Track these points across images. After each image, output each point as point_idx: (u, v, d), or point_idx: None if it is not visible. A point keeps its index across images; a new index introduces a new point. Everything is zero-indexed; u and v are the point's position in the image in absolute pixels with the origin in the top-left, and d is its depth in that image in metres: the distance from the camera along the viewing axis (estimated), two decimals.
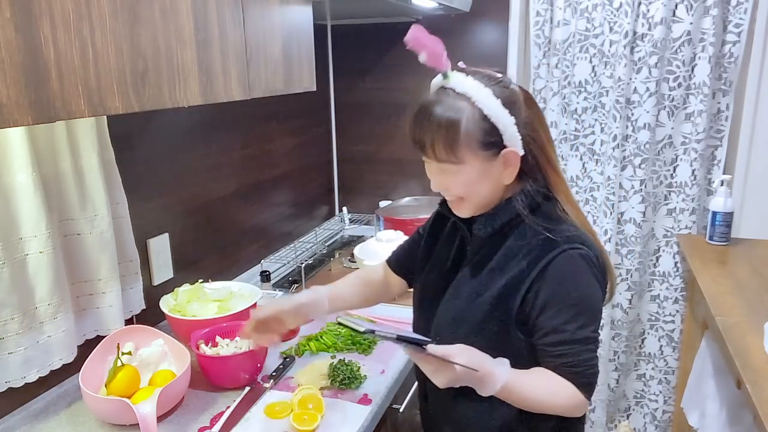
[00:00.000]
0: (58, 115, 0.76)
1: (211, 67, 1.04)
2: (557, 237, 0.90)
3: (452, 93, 0.90)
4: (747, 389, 1.13)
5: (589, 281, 0.90)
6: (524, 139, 0.91)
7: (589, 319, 0.89)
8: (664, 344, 2.14)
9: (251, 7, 1.14)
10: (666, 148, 1.98)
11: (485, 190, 0.93)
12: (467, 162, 0.89)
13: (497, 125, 0.88)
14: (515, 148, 0.90)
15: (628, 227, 2.04)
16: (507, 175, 0.92)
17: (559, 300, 0.88)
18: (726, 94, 1.91)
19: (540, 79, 2.07)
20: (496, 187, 0.94)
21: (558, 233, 0.90)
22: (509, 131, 0.89)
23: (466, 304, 0.95)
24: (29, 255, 1.14)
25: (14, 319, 1.12)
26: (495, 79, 0.91)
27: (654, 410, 2.22)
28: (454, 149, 0.88)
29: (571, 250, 0.89)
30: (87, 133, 1.24)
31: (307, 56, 1.40)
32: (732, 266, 1.76)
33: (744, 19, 1.82)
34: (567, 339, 0.88)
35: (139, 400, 1.09)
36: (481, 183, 0.92)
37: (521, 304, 0.90)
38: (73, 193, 1.23)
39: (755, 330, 1.33)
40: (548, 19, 2.01)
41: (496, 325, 0.92)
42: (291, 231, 2.15)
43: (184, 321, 1.34)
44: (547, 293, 0.89)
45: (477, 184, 0.92)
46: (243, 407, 1.17)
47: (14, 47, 0.69)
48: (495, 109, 0.88)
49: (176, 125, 1.57)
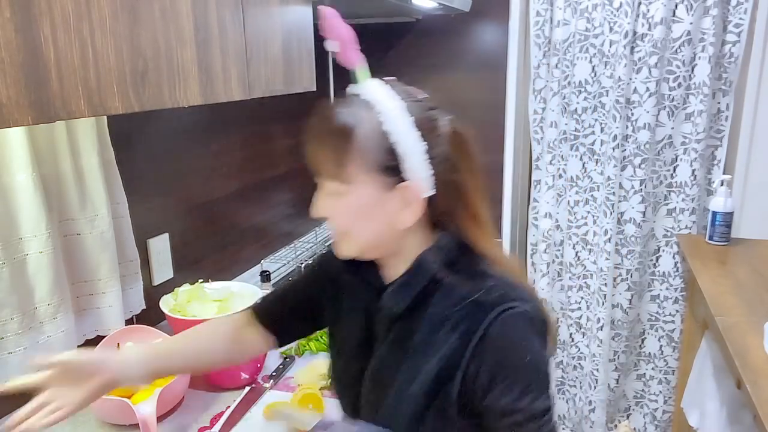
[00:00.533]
0: (58, 115, 0.76)
1: (211, 67, 1.04)
2: (486, 299, 0.74)
3: (357, 99, 0.75)
4: (747, 389, 1.13)
5: (533, 343, 0.74)
6: (438, 178, 0.74)
7: (541, 387, 0.74)
8: (664, 344, 2.14)
9: (251, 7, 1.14)
10: (666, 148, 1.98)
11: (374, 229, 0.76)
12: (357, 183, 0.73)
13: (399, 148, 0.72)
14: (419, 184, 0.73)
15: (628, 227, 2.04)
16: (404, 217, 0.75)
17: (504, 376, 0.73)
18: (726, 94, 1.91)
19: (540, 79, 2.07)
20: (389, 229, 0.76)
21: (486, 293, 0.74)
22: (415, 160, 0.72)
23: (394, 400, 0.78)
24: (29, 255, 1.14)
25: (14, 319, 1.12)
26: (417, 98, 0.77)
27: (654, 410, 2.22)
28: (343, 163, 0.73)
29: (505, 312, 0.73)
30: (87, 133, 1.24)
31: (307, 56, 1.40)
32: (732, 266, 1.76)
33: (744, 19, 1.82)
34: (521, 420, 0.72)
35: (139, 400, 1.10)
36: (370, 217, 0.75)
37: (461, 387, 0.74)
38: (73, 193, 1.23)
39: (755, 330, 1.33)
40: (548, 19, 2.01)
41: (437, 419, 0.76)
42: (291, 231, 2.15)
43: (184, 321, 1.34)
44: (490, 370, 0.73)
45: (366, 217, 0.75)
46: (243, 407, 1.17)
47: (14, 47, 0.69)
48: (402, 126, 0.72)
49: (176, 125, 1.57)
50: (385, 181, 0.73)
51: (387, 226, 0.76)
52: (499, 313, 0.73)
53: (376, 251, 0.79)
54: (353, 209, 0.75)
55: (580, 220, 2.10)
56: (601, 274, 2.06)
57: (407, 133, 0.72)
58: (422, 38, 2.22)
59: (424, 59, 2.23)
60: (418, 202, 0.74)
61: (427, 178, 0.74)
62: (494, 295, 0.74)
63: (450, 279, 0.76)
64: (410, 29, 2.22)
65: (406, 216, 0.75)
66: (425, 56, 2.23)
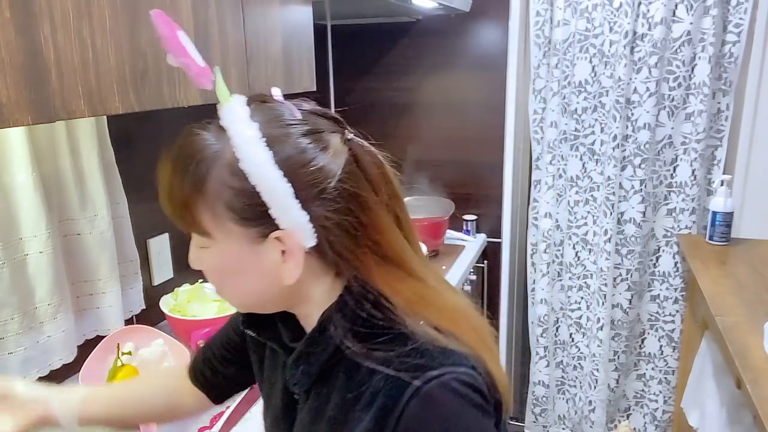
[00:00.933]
0: (58, 115, 0.76)
1: (211, 67, 1.04)
2: (401, 369, 0.57)
3: (213, 128, 0.59)
4: (747, 389, 1.13)
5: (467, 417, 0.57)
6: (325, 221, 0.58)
7: None
8: (664, 344, 2.14)
9: (251, 7, 1.14)
10: (666, 148, 1.98)
11: (252, 285, 0.62)
12: (219, 236, 0.59)
13: (261, 191, 0.56)
14: (297, 232, 0.58)
15: (628, 227, 2.04)
16: (287, 271, 0.59)
17: None
18: (726, 94, 1.91)
19: (540, 79, 2.07)
20: (273, 285, 0.61)
21: (403, 362, 0.57)
22: (280, 204, 0.56)
23: None
24: (29, 255, 1.14)
25: (14, 319, 1.12)
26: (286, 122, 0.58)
27: (654, 410, 2.22)
28: (193, 216, 0.59)
29: (427, 384, 0.56)
30: (87, 133, 1.24)
31: (307, 56, 1.40)
32: (732, 266, 1.76)
33: (744, 19, 1.82)
34: None
35: None
36: (242, 273, 0.61)
37: None
38: (73, 193, 1.23)
39: (755, 330, 1.33)
40: (548, 19, 2.01)
41: None
42: None
43: (184, 321, 1.34)
44: None
45: (237, 273, 0.61)
46: (243, 407, 1.17)
47: (14, 47, 0.69)
48: (260, 164, 0.56)
49: (176, 125, 1.57)
50: (250, 231, 0.58)
51: (268, 281, 0.61)
52: (417, 388, 0.56)
53: (271, 306, 0.66)
54: (219, 265, 0.62)
55: (580, 220, 2.10)
56: (601, 274, 2.06)
57: (266, 173, 0.56)
58: (422, 38, 2.22)
59: (424, 59, 2.23)
60: (300, 252, 0.59)
61: (304, 225, 0.57)
62: (412, 364, 0.57)
63: (357, 347, 0.59)
64: (410, 29, 2.22)
65: (289, 270, 0.59)
66: (425, 56, 2.23)
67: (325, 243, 0.59)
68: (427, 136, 2.30)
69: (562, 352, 2.27)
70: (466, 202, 2.28)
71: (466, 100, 2.22)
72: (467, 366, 0.58)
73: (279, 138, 0.57)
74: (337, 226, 0.58)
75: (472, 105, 2.22)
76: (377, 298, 0.60)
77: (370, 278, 0.60)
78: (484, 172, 2.26)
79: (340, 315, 0.60)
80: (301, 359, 0.63)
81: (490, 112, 2.20)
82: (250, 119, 0.57)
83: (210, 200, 0.58)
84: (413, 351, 0.58)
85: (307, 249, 0.59)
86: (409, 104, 2.30)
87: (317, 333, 0.62)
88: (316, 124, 0.60)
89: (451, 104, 2.25)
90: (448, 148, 2.28)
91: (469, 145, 2.25)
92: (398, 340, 0.59)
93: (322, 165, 0.57)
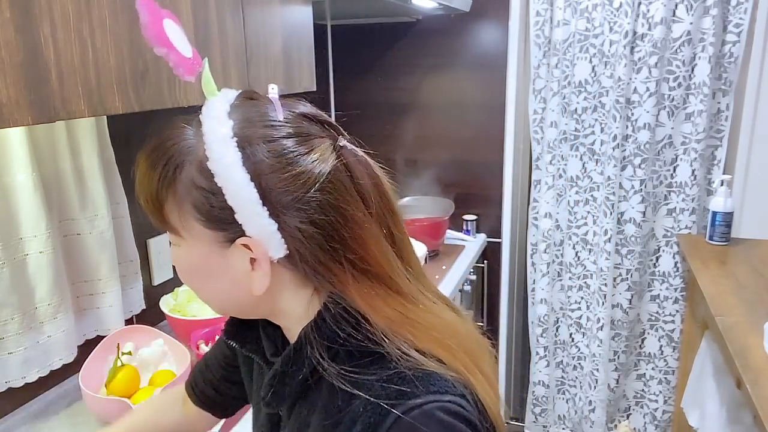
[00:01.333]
0: (58, 115, 0.76)
1: (210, 67, 1.04)
2: (381, 396, 0.52)
3: (194, 124, 0.57)
4: (747, 389, 1.13)
5: None
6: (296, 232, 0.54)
7: None
8: (664, 344, 2.14)
9: (251, 7, 1.14)
10: (666, 148, 1.98)
11: (220, 290, 0.59)
12: (188, 235, 0.57)
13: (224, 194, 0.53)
14: (263, 241, 0.54)
15: (628, 227, 2.04)
16: (255, 281, 0.56)
17: None
18: (726, 94, 1.91)
19: (540, 79, 2.07)
20: (242, 292, 0.58)
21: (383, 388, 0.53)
22: (246, 210, 0.53)
23: None
24: (29, 255, 1.14)
25: (14, 319, 1.12)
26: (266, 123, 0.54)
27: (654, 410, 2.22)
28: (160, 208, 0.57)
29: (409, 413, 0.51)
30: (87, 133, 1.24)
31: (307, 56, 1.40)
32: (732, 266, 1.76)
33: (744, 19, 1.82)
34: None
35: (139, 400, 1.10)
36: (210, 276, 0.58)
37: None
38: (73, 193, 1.23)
39: (755, 330, 1.33)
40: (548, 19, 2.01)
41: None
42: None
43: (184, 321, 1.34)
44: None
45: (205, 275, 0.59)
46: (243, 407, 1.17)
47: (14, 47, 0.69)
48: (226, 166, 0.52)
49: None
50: (217, 235, 0.55)
51: (238, 288, 0.57)
52: (397, 417, 0.51)
53: (251, 313, 0.62)
54: (189, 265, 0.59)
55: (580, 220, 2.10)
56: (601, 274, 2.06)
57: (232, 175, 0.52)
58: (422, 38, 2.22)
59: (424, 59, 2.23)
60: (266, 262, 0.55)
61: (272, 234, 0.53)
62: (393, 390, 0.52)
63: (334, 369, 0.55)
64: (410, 29, 2.22)
65: (258, 279, 0.56)
66: (425, 56, 2.23)
67: (296, 255, 0.54)
68: (427, 136, 2.30)
69: (562, 352, 2.27)
70: (466, 202, 2.29)
71: (466, 100, 2.22)
72: (454, 394, 0.53)
73: (252, 139, 0.53)
74: (310, 239, 0.54)
75: (472, 105, 2.22)
76: (356, 316, 0.55)
77: (347, 294, 0.55)
78: (484, 172, 2.26)
79: (317, 333, 0.56)
80: (276, 378, 0.59)
81: (490, 112, 2.20)
82: (227, 116, 0.54)
83: (178, 198, 0.55)
84: (395, 375, 0.53)
85: (274, 259, 0.55)
86: (409, 104, 2.30)
87: (293, 351, 0.57)
88: (302, 127, 0.55)
89: (451, 104, 2.25)
90: (448, 148, 2.28)
91: (469, 145, 2.26)
92: (381, 363, 0.54)
93: (299, 172, 0.53)
